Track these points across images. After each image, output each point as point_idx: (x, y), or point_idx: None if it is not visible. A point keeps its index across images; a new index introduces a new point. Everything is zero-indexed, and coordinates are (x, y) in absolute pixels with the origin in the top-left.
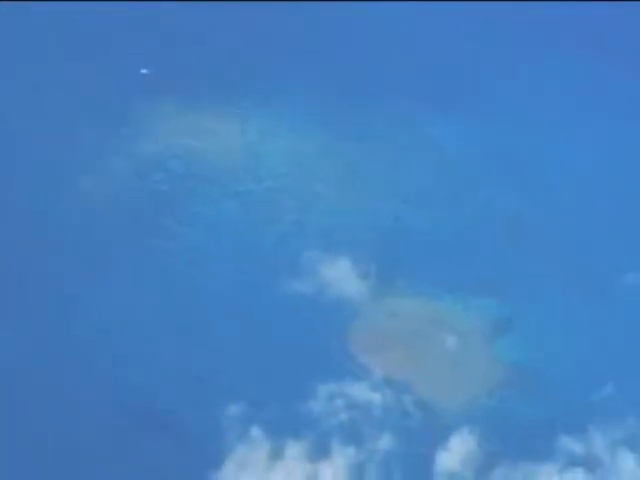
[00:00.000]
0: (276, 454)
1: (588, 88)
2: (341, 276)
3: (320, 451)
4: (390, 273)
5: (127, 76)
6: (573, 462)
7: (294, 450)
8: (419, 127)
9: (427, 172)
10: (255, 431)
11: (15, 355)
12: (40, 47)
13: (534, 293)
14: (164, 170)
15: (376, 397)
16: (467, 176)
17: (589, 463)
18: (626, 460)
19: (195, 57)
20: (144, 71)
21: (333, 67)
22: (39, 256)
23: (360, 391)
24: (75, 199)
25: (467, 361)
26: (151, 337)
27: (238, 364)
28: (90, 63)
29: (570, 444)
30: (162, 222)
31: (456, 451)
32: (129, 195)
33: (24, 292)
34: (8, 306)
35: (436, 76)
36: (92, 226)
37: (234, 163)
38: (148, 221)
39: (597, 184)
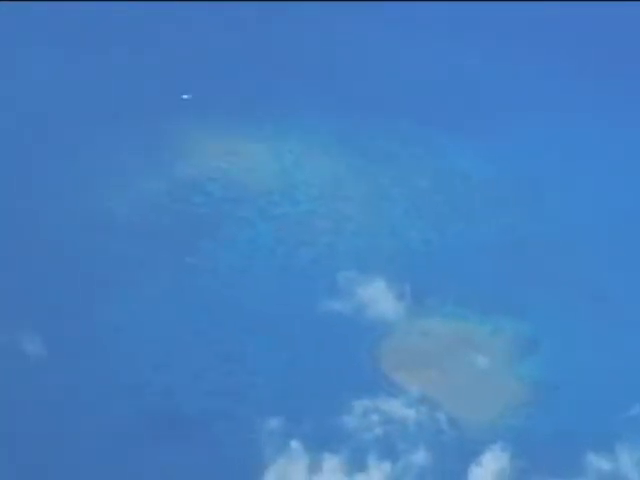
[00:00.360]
0: (314, 467)
1: (613, 120)
2: (376, 296)
3: (356, 465)
4: (421, 294)
5: (166, 99)
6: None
7: (331, 463)
8: (444, 153)
9: (452, 196)
10: (294, 444)
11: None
12: (85, 67)
13: (559, 314)
14: (202, 193)
15: (410, 413)
16: (490, 200)
17: None
18: None
19: (229, 83)
20: (185, 96)
21: (362, 93)
22: (81, 277)
23: (394, 407)
24: (115, 221)
25: (495, 380)
26: (190, 353)
27: (275, 380)
28: (131, 85)
29: (597, 462)
30: (200, 243)
31: (488, 467)
32: (167, 217)
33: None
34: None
35: (462, 101)
36: (132, 246)
37: (268, 186)
38: (186, 242)
39: (619, 210)
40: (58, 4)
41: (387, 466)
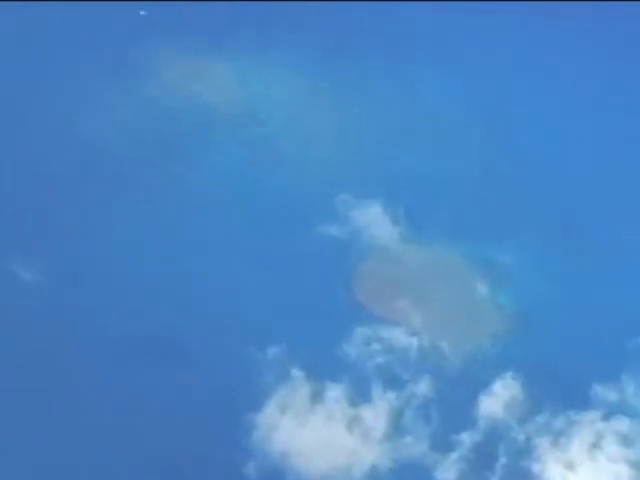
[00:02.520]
0: (316, 397)
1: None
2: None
3: (359, 395)
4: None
5: (126, 18)
6: (612, 411)
7: (334, 393)
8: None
9: (423, 127)
10: (294, 373)
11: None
12: None
13: (535, 243)
14: (170, 116)
15: (412, 342)
16: (461, 132)
17: (626, 411)
18: None
19: (198, 4)
20: (143, 12)
21: (330, 18)
22: (51, 197)
23: (396, 336)
24: (80, 147)
25: (484, 309)
26: (175, 277)
27: (268, 307)
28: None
29: (604, 393)
30: (170, 167)
31: (494, 398)
32: (135, 141)
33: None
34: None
35: (435, 33)
36: (99, 172)
37: (238, 109)
38: (155, 166)
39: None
40: None
41: (391, 396)
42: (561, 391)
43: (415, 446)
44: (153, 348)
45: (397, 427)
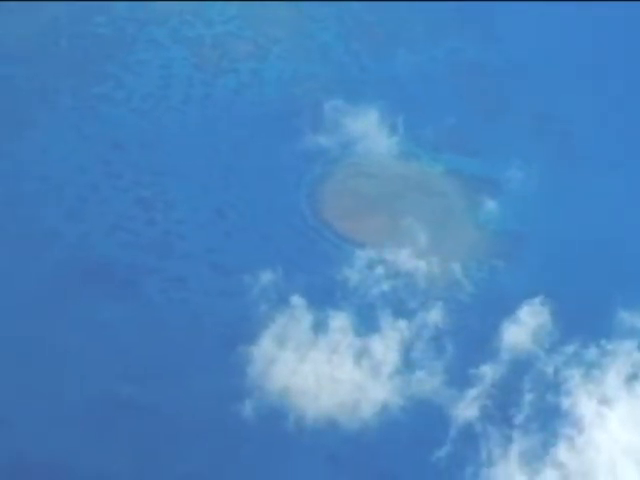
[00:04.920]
0: (320, 327)
1: None
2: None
3: (366, 324)
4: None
5: None
6: None
7: (338, 322)
8: None
9: (390, 18)
10: (294, 301)
11: None
12: None
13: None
14: (104, 12)
15: (420, 265)
16: (435, 23)
17: None
18: None
19: None
20: None
21: None
22: None
23: (402, 259)
24: (8, 49)
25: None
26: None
27: (260, 228)
28: None
29: (631, 319)
30: (107, 70)
31: (520, 326)
32: (67, 40)
33: None
34: None
35: None
36: (32, 75)
37: (179, 5)
38: (91, 69)
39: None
40: None
41: (401, 325)
42: (591, 319)
43: (428, 382)
44: (137, 275)
45: (408, 360)
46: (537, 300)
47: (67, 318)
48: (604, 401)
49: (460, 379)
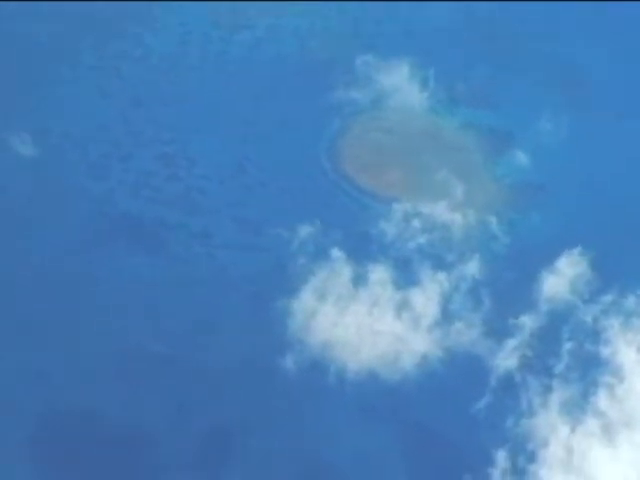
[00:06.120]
0: (359, 280)
1: None
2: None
3: (405, 277)
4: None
5: None
6: None
7: (378, 275)
8: None
9: None
10: (334, 254)
11: None
12: None
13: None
14: None
15: (456, 218)
16: None
17: None
18: None
19: None
20: None
21: None
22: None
23: (437, 211)
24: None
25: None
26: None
27: (295, 180)
28: None
29: None
30: (126, 28)
31: (559, 276)
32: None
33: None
34: None
35: None
36: (54, 30)
37: None
38: (112, 27)
39: None
40: None
41: (440, 278)
42: (629, 268)
43: (467, 333)
44: (163, 231)
45: (447, 312)
46: (575, 250)
47: (96, 273)
48: None
49: (499, 330)
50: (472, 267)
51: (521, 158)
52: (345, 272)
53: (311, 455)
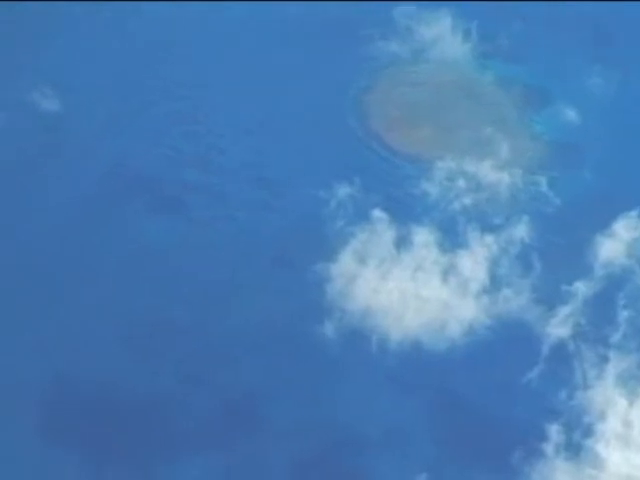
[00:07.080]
0: (402, 243)
1: None
2: None
3: (450, 240)
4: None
5: None
6: None
7: (422, 238)
8: None
9: None
10: (375, 215)
11: None
12: None
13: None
14: None
15: (503, 178)
16: None
17: None
18: None
19: None
20: None
21: None
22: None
23: (483, 170)
24: None
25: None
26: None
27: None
28: None
29: None
30: None
31: (615, 240)
32: None
33: None
34: None
35: None
36: None
37: None
38: None
39: None
40: None
41: (488, 241)
42: None
43: (516, 300)
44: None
45: (495, 278)
46: (634, 213)
47: (113, 235)
48: None
49: (550, 297)
50: (521, 230)
51: (567, 115)
52: (387, 234)
53: (346, 427)
